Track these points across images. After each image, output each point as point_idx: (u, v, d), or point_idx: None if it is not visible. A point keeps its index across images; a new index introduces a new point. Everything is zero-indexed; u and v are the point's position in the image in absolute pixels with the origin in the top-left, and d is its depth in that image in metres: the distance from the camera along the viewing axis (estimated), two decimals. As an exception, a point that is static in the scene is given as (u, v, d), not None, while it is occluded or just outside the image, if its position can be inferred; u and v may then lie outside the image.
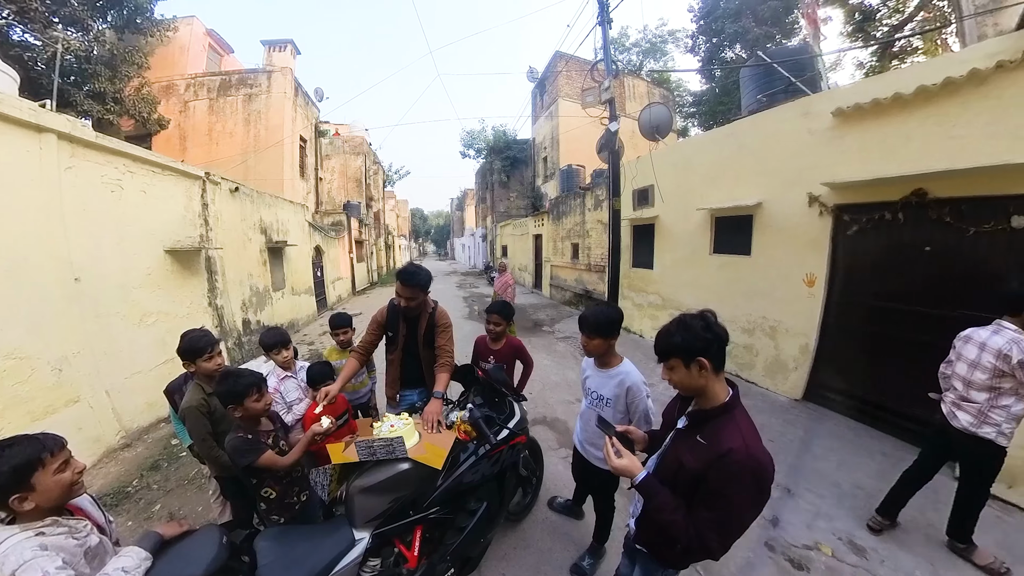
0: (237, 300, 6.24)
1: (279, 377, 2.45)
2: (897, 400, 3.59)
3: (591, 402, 1.98)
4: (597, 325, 1.82)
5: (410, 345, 2.47)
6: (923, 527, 2.49)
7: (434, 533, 1.88)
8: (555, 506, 2.70)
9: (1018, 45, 2.75)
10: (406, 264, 2.37)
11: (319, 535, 1.65)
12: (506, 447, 2.04)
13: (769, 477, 1.07)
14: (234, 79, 11.77)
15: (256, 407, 1.72)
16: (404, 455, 1.70)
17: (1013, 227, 2.85)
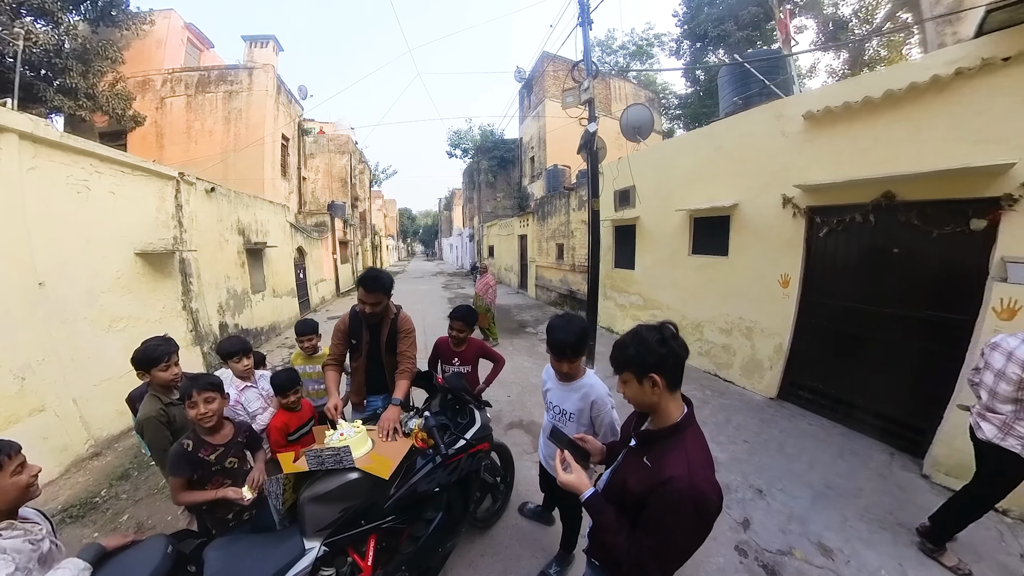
0: (213, 303, 6.07)
1: (239, 388, 2.34)
2: (867, 398, 3.66)
3: (553, 416, 1.88)
4: (577, 346, 1.68)
5: (373, 351, 2.42)
6: (891, 526, 2.52)
7: (390, 542, 1.84)
8: (525, 512, 2.65)
9: (976, 53, 2.80)
10: (367, 270, 2.34)
11: (269, 544, 1.62)
12: (465, 455, 2.00)
13: (713, 508, 1.00)
14: (213, 75, 11.46)
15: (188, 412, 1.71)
16: (351, 464, 1.67)
17: (972, 230, 2.91)
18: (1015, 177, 2.68)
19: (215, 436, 1.79)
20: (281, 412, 2.31)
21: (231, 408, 2.23)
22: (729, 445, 3.54)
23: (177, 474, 1.68)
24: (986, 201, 2.82)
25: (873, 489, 2.89)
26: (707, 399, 4.53)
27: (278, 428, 2.20)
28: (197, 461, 1.71)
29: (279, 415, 2.30)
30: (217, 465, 1.76)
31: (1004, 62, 2.69)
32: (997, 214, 2.77)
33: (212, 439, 1.78)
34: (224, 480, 1.79)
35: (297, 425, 2.23)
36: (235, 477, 1.82)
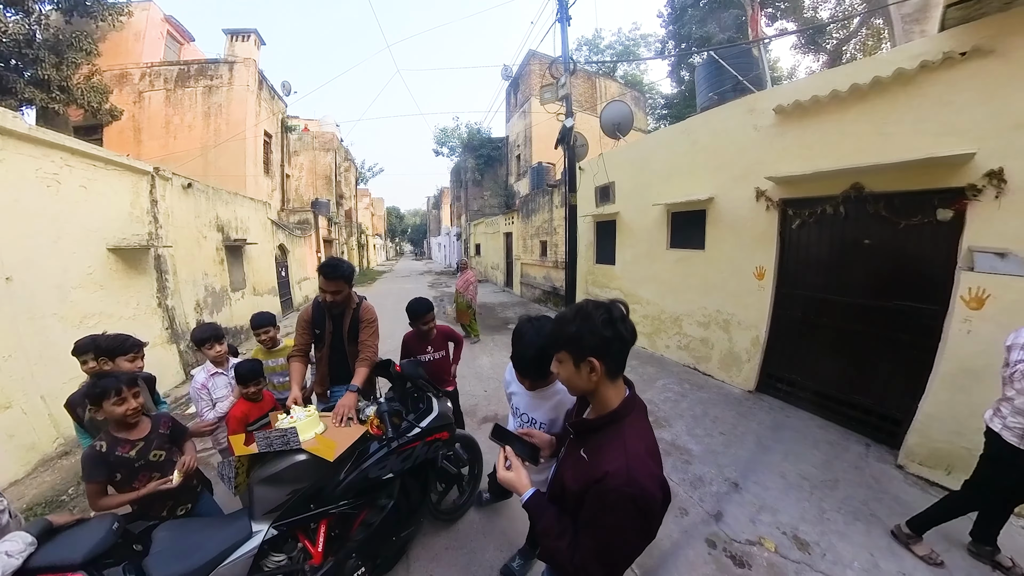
0: (191, 301, 5.91)
1: (209, 372, 2.36)
2: (841, 389, 3.67)
3: (521, 425, 1.63)
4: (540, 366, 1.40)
5: (337, 342, 2.41)
6: (865, 517, 2.50)
7: (342, 529, 1.80)
8: (483, 501, 2.58)
9: (939, 47, 2.82)
10: (327, 259, 2.33)
11: (216, 526, 1.60)
12: (420, 443, 1.94)
13: (655, 505, 0.90)
14: (193, 69, 11.16)
15: (115, 410, 1.61)
16: (298, 446, 1.65)
17: (939, 220, 2.92)
18: (978, 167, 2.69)
19: (131, 432, 1.70)
20: (241, 401, 2.29)
21: (197, 391, 2.25)
22: (705, 438, 3.51)
23: (93, 479, 1.59)
24: (952, 192, 2.83)
25: (849, 480, 2.88)
26: (685, 393, 4.51)
27: (237, 417, 2.18)
28: (116, 461, 1.62)
29: (239, 404, 2.27)
30: (140, 460, 1.68)
31: (962, 56, 2.71)
32: (963, 204, 2.78)
33: (128, 435, 1.69)
34: (152, 474, 1.71)
35: (257, 416, 2.18)
36: (163, 470, 1.75)
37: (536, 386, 1.53)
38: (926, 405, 2.90)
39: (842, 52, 12.88)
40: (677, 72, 16.27)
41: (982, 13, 2.62)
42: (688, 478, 2.95)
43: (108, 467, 1.60)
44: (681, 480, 2.92)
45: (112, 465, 1.61)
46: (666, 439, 3.50)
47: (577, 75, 14.88)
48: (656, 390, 4.60)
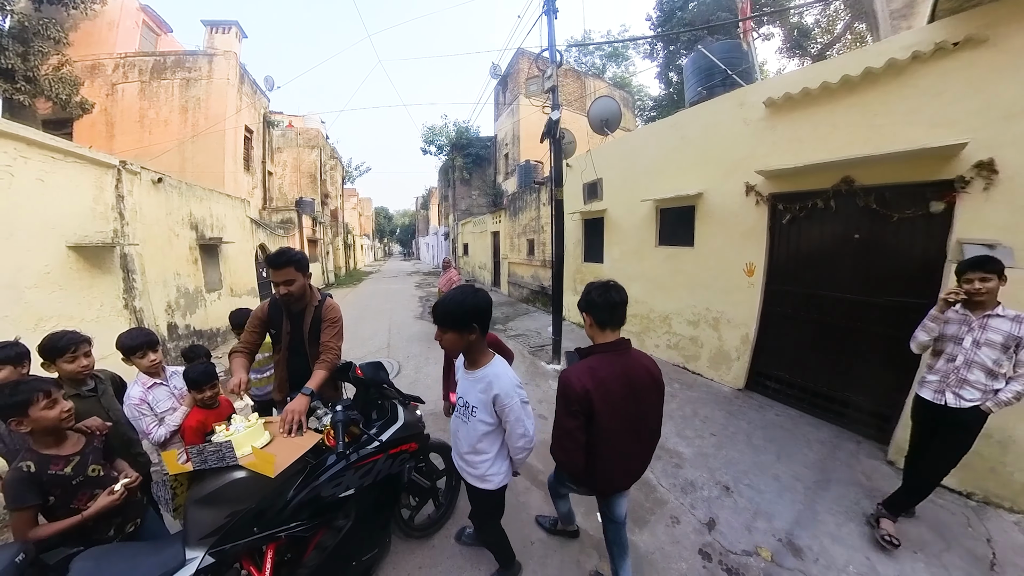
0: (161, 302, 5.59)
1: (145, 385, 2.06)
2: (832, 387, 3.58)
3: (458, 410, 1.67)
4: (447, 315, 1.48)
5: (296, 343, 2.18)
6: (857, 517, 2.41)
7: (294, 554, 1.60)
8: (464, 538, 2.27)
9: (931, 38, 2.75)
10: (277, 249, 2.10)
11: (144, 554, 1.39)
12: (382, 456, 1.74)
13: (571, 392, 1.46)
14: (170, 61, 10.73)
15: (48, 415, 1.37)
16: (234, 462, 1.46)
17: (931, 212, 2.85)
18: (967, 159, 2.63)
19: (62, 446, 1.47)
20: (196, 410, 2.07)
21: (136, 408, 1.98)
22: (696, 439, 3.39)
23: (23, 504, 1.34)
24: (942, 184, 2.76)
25: (841, 479, 2.79)
26: (675, 392, 4.40)
27: (193, 428, 1.96)
28: (50, 481, 1.39)
29: (194, 413, 2.06)
30: (78, 476, 1.45)
31: (954, 47, 2.65)
32: (952, 196, 2.71)
33: (59, 450, 1.45)
34: (93, 492, 1.48)
35: (215, 423, 1.96)
36: (105, 486, 1.52)
37: (472, 361, 1.59)
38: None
39: (826, 57, 13.10)
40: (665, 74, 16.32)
41: (975, 3, 2.56)
42: (679, 483, 2.81)
43: (40, 489, 1.36)
44: (672, 486, 2.78)
45: (45, 486, 1.37)
46: (655, 441, 3.38)
47: (566, 73, 14.83)
48: (645, 390, 4.49)
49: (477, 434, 1.57)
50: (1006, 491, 2.48)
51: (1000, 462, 2.48)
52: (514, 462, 1.67)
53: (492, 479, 1.62)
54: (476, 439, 1.58)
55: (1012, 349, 1.96)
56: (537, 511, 2.52)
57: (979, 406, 2.02)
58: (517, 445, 1.56)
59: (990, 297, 2.03)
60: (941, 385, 2.14)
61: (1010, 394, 1.96)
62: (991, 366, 2.00)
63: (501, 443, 1.61)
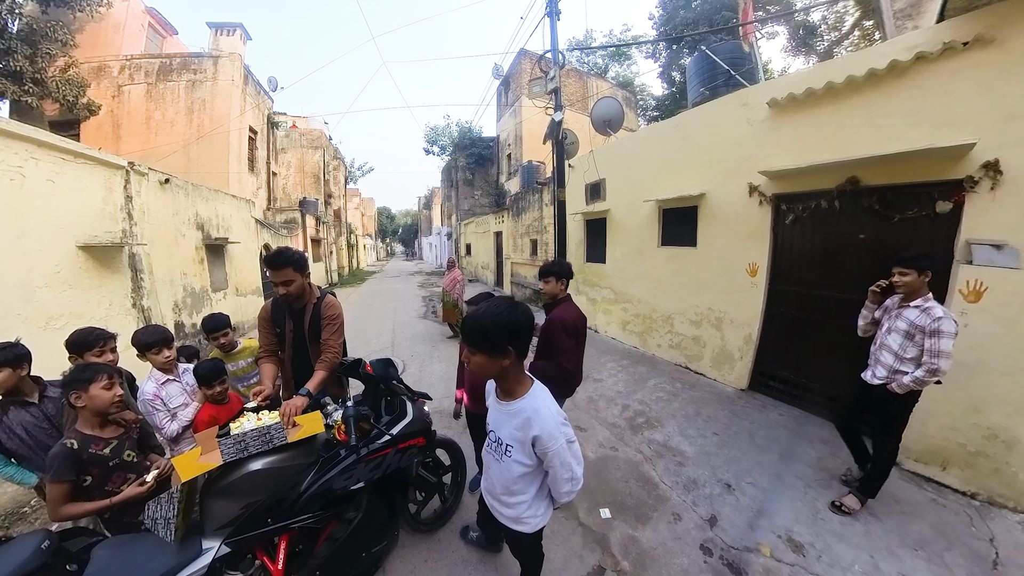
0: (168, 301, 5.66)
1: (159, 381, 2.12)
2: (836, 386, 3.57)
3: (489, 444, 1.42)
4: (475, 332, 1.21)
5: (299, 341, 2.22)
6: (862, 517, 2.40)
7: (306, 544, 1.64)
8: (469, 538, 2.22)
9: (938, 38, 2.74)
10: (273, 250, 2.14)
11: (163, 544, 1.41)
12: (391, 450, 1.78)
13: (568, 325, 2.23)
14: (176, 63, 10.81)
15: (104, 395, 1.50)
16: (284, 441, 1.54)
17: (938, 212, 2.84)
18: (976, 159, 2.62)
19: (105, 430, 1.57)
20: (208, 405, 2.13)
21: (150, 403, 2.04)
22: (699, 438, 3.40)
23: (60, 478, 1.42)
24: (950, 184, 2.75)
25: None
26: (677, 392, 4.41)
27: (205, 422, 2.01)
28: (90, 460, 1.48)
29: (205, 408, 2.12)
30: (115, 459, 1.55)
31: (964, 46, 2.64)
32: (961, 196, 2.70)
33: (102, 432, 1.55)
34: (127, 476, 1.57)
35: (227, 419, 2.00)
36: (138, 472, 1.61)
37: (507, 391, 1.32)
38: (920, 401, 2.79)
39: (834, 55, 13.00)
40: (668, 73, 16.28)
41: (984, 2, 2.55)
42: (681, 481, 2.82)
43: (79, 466, 1.46)
44: (674, 484, 2.79)
45: (84, 464, 1.47)
46: (658, 440, 3.38)
47: (568, 74, 14.83)
48: (648, 390, 4.48)
49: (512, 476, 1.32)
50: (1010, 491, 2.47)
51: (1005, 462, 2.48)
52: (556, 501, 1.42)
53: (529, 522, 1.39)
54: (511, 480, 1.34)
55: (917, 337, 2.19)
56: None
57: (886, 385, 2.29)
58: (563, 490, 1.30)
59: (909, 289, 2.27)
60: (868, 364, 2.49)
61: (909, 379, 2.20)
62: (896, 349, 2.28)
63: (541, 484, 1.36)
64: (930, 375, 2.14)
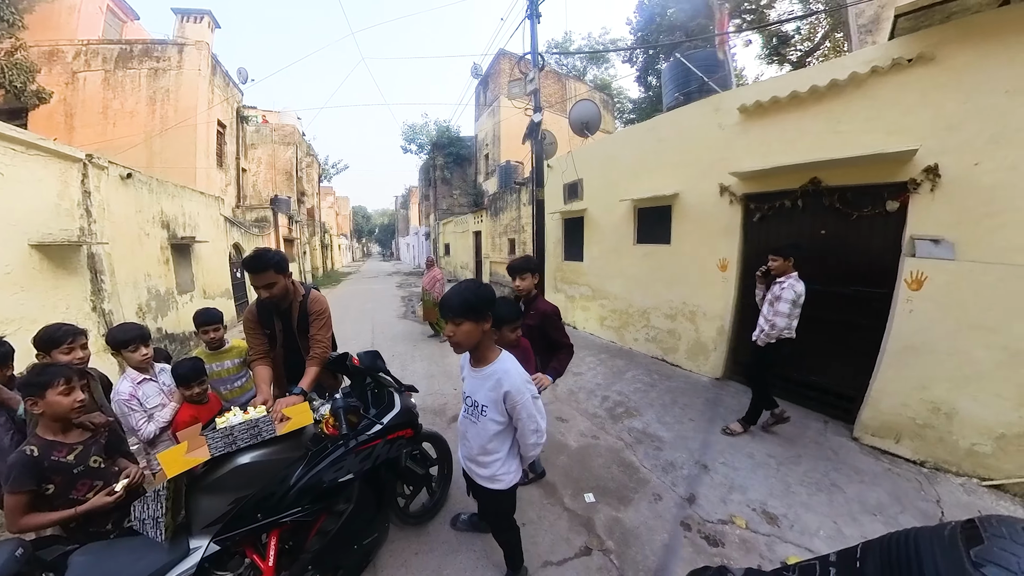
0: (131, 304, 5.29)
1: (135, 381, 2.02)
2: (801, 372, 3.81)
3: (466, 410, 1.61)
4: (465, 304, 1.38)
5: (289, 340, 2.21)
6: (827, 488, 2.60)
7: (296, 540, 1.61)
8: (459, 524, 2.28)
9: (888, 54, 3.01)
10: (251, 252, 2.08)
11: (147, 546, 1.36)
12: (381, 441, 1.78)
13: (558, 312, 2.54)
14: (137, 50, 10.17)
15: (62, 401, 1.39)
16: (274, 434, 1.50)
17: (888, 211, 3.11)
18: (919, 163, 2.89)
19: (68, 434, 1.46)
20: (187, 405, 2.06)
21: (125, 404, 1.94)
22: (675, 425, 3.55)
23: (18, 488, 1.32)
24: (897, 185, 3.02)
25: (810, 455, 3.00)
26: (654, 383, 4.57)
27: (185, 423, 1.93)
28: (53, 467, 1.38)
29: (185, 409, 2.04)
30: (80, 466, 1.44)
31: (909, 62, 2.91)
32: (906, 197, 2.97)
33: (66, 438, 1.45)
34: (94, 483, 1.47)
35: (208, 419, 1.93)
36: (106, 479, 1.51)
37: (479, 358, 1.52)
38: (876, 382, 3.07)
39: (806, 64, 13.70)
40: (645, 78, 16.74)
41: (927, 24, 2.82)
42: (660, 464, 2.95)
43: (40, 475, 1.36)
44: (653, 466, 2.92)
45: (46, 472, 1.37)
46: (637, 427, 3.51)
47: (547, 75, 15.02)
48: (626, 381, 4.63)
49: (488, 434, 1.53)
50: (953, 458, 2.74)
51: (947, 432, 2.75)
52: (524, 460, 1.64)
53: (503, 478, 1.59)
54: (487, 439, 1.54)
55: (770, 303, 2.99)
56: None
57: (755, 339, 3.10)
58: (529, 442, 1.52)
59: (779, 271, 3.00)
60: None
61: (758, 330, 3.06)
62: (765, 313, 3.04)
63: (512, 442, 1.58)
64: (770, 328, 2.93)
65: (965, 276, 2.66)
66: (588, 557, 2.10)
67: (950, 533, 0.43)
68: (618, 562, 2.07)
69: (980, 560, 0.38)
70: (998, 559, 0.37)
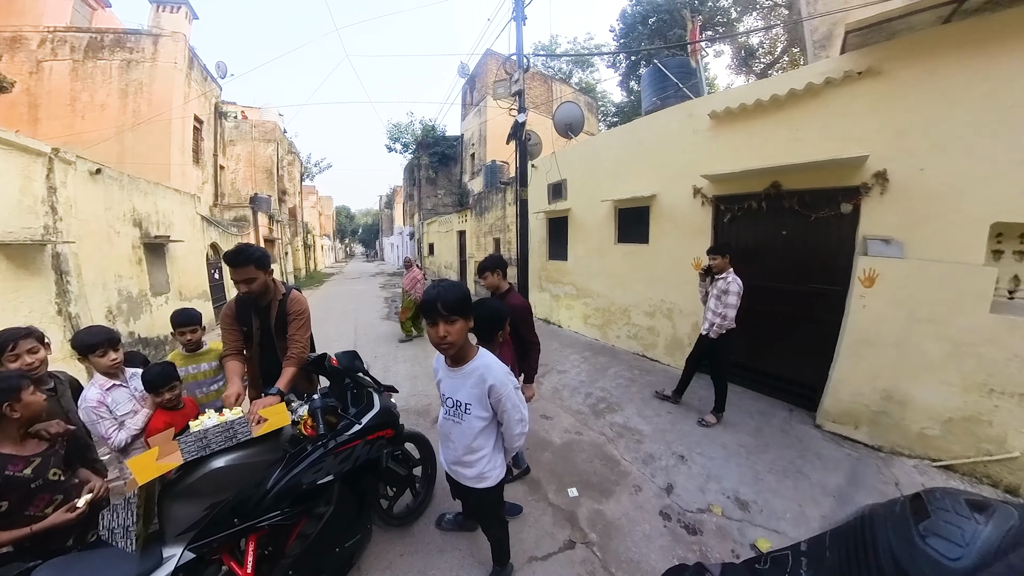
0: (100, 307, 5.06)
1: (103, 387, 1.92)
2: (768, 365, 4.02)
3: (448, 411, 1.59)
4: (459, 302, 1.36)
5: (266, 339, 2.17)
6: (792, 474, 2.75)
7: (276, 545, 1.58)
8: (444, 524, 2.29)
9: (840, 67, 3.22)
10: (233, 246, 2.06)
11: (117, 557, 1.29)
12: (360, 442, 1.78)
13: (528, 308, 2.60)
14: (108, 39, 9.65)
15: (33, 400, 1.35)
16: (249, 436, 1.47)
17: (843, 213, 3.32)
18: (869, 169, 3.10)
19: (23, 446, 1.38)
20: (160, 412, 1.96)
21: (94, 411, 1.84)
22: (654, 418, 3.67)
23: None
24: (851, 189, 3.22)
25: (777, 443, 3.16)
26: (635, 378, 4.70)
27: (160, 430, 1.82)
28: (8, 483, 1.30)
29: (158, 415, 1.94)
30: (37, 480, 1.36)
31: (859, 75, 3.12)
32: (858, 200, 3.18)
33: (20, 450, 1.37)
34: (53, 497, 1.39)
35: (183, 425, 1.89)
36: (66, 492, 1.43)
37: (458, 359, 1.51)
38: (835, 373, 3.26)
39: (768, 75, 14.41)
40: (627, 82, 17.10)
41: (874, 40, 3.03)
42: (640, 456, 3.05)
43: None
44: (634, 459, 3.01)
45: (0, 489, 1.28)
46: (619, 422, 3.61)
47: (534, 77, 15.11)
48: (608, 378, 4.75)
49: (473, 432, 1.53)
50: (906, 441, 2.95)
51: (900, 418, 2.96)
52: (508, 452, 1.64)
53: (490, 475, 1.59)
54: (472, 437, 1.54)
55: (718, 297, 3.27)
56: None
57: (707, 333, 3.36)
58: (515, 432, 1.53)
59: (718, 268, 3.32)
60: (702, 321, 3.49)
61: (716, 326, 3.28)
62: (712, 307, 3.33)
63: (496, 437, 1.59)
64: (722, 319, 3.21)
65: (913, 273, 2.86)
66: (572, 551, 2.15)
67: (900, 509, 0.45)
68: (601, 554, 2.12)
69: (927, 532, 0.40)
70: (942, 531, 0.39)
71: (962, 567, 0.35)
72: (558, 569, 2.05)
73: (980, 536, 0.37)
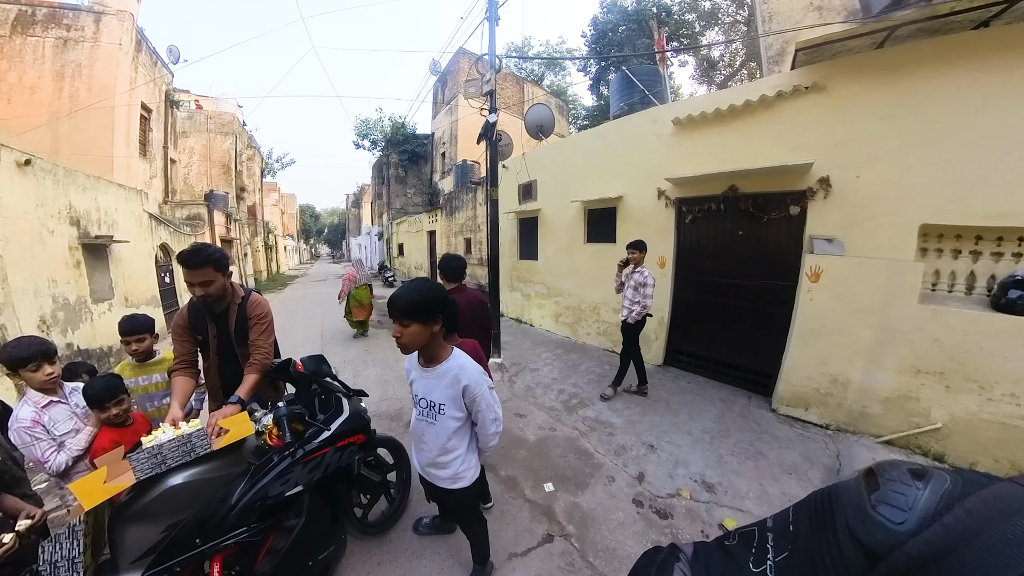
0: (31, 316, 4.50)
1: (39, 405, 1.68)
2: (728, 355, 4.23)
3: (421, 412, 1.55)
4: (413, 305, 1.33)
5: (225, 347, 1.97)
6: (753, 456, 2.91)
7: (244, 563, 1.46)
8: (421, 528, 2.22)
9: (791, 81, 3.44)
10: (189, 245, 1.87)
11: None
12: (330, 449, 1.69)
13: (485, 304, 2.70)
14: (41, 14, 8.45)
15: None
16: (209, 449, 1.36)
17: (791, 215, 3.55)
18: (815, 175, 3.34)
19: None
20: (106, 429, 1.75)
21: (28, 432, 1.62)
22: (625, 410, 3.75)
23: None
24: (798, 193, 3.45)
25: (737, 428, 3.34)
26: (605, 373, 4.78)
27: (106, 449, 1.63)
28: None
29: (104, 433, 1.73)
30: None
31: (806, 89, 3.35)
32: (805, 203, 3.42)
33: None
34: None
35: (134, 443, 1.64)
36: None
37: (431, 359, 1.48)
38: (787, 360, 3.48)
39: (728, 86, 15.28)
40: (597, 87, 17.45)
41: (820, 59, 3.26)
42: (612, 448, 3.11)
43: None
44: (606, 451, 3.07)
45: None
46: (591, 416, 3.66)
47: (506, 78, 15.08)
48: (580, 374, 4.81)
49: (447, 432, 1.50)
50: (849, 419, 3.20)
51: (844, 398, 3.21)
52: (482, 453, 1.62)
53: (465, 475, 1.56)
54: (446, 438, 1.51)
55: (640, 289, 3.59)
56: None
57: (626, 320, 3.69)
58: (490, 431, 1.51)
59: (635, 262, 3.66)
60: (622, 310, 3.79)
61: (636, 312, 3.62)
62: (630, 297, 3.67)
63: (470, 437, 1.57)
64: (642, 308, 3.58)
65: (852, 269, 3.10)
66: (550, 544, 2.16)
67: (855, 482, 0.48)
68: (578, 545, 2.14)
69: (877, 502, 0.43)
70: (890, 499, 0.42)
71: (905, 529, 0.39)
72: (538, 563, 2.04)
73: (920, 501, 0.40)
